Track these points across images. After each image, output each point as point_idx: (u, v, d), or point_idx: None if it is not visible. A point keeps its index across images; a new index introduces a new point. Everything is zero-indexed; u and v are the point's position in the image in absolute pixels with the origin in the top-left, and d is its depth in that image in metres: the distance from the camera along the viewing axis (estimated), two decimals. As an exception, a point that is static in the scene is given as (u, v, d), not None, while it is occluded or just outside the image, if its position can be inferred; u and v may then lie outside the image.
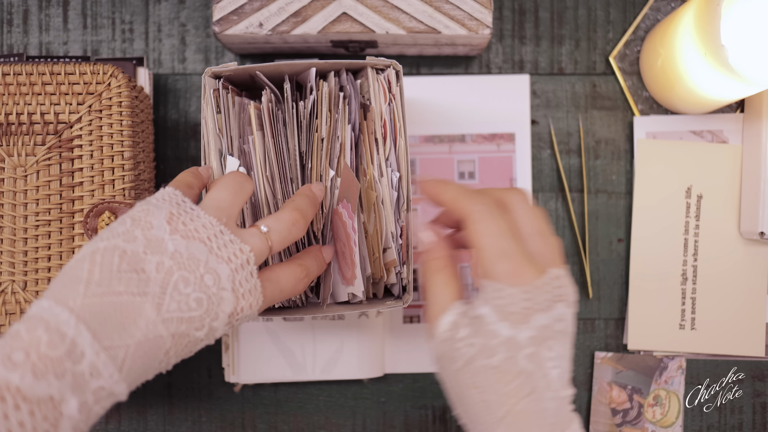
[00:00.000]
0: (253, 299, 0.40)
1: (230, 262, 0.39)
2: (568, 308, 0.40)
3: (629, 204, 0.64)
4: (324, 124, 0.48)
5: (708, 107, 0.61)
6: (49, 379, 0.32)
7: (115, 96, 0.53)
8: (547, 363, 0.38)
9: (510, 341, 0.38)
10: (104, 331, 0.35)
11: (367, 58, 0.50)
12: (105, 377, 0.34)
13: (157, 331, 0.36)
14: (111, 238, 0.37)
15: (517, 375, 0.38)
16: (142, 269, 0.37)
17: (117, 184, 0.53)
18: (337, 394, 0.63)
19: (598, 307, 0.64)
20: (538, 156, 0.64)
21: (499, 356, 0.38)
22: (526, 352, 0.38)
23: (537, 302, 0.38)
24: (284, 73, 0.50)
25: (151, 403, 0.63)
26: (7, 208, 0.52)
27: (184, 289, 0.37)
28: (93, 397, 0.34)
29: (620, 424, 0.62)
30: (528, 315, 0.38)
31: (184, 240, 0.38)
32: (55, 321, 0.34)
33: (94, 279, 0.36)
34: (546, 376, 0.38)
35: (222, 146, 0.49)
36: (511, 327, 0.38)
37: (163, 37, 0.64)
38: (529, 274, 0.39)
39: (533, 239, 0.41)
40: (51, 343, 0.33)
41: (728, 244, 0.63)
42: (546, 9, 0.65)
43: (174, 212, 0.39)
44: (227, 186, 0.42)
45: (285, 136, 0.48)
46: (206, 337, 0.39)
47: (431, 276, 0.43)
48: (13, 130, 0.53)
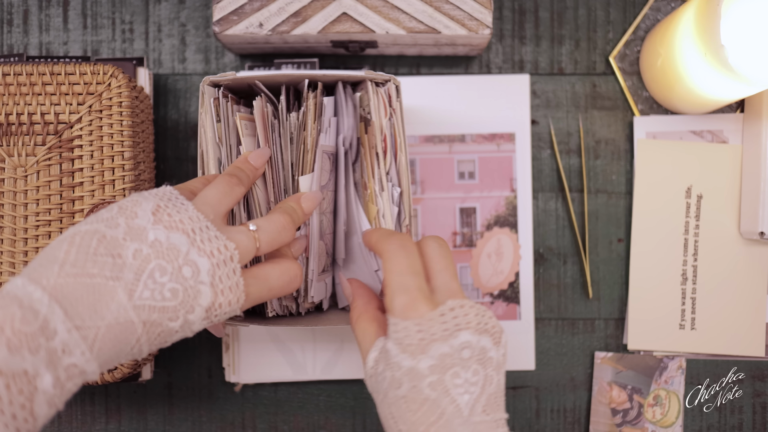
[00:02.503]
0: (233, 296, 0.40)
1: (212, 256, 0.39)
2: (476, 335, 0.40)
3: (629, 204, 0.64)
4: (309, 136, 0.48)
5: (708, 107, 0.61)
6: (23, 354, 0.33)
7: (115, 96, 0.53)
8: (455, 390, 0.39)
9: (412, 371, 0.40)
10: (76, 310, 0.35)
11: (365, 71, 0.50)
12: (77, 355, 0.35)
13: (127, 316, 0.36)
14: (94, 223, 0.38)
15: (423, 403, 0.39)
16: (119, 254, 0.37)
17: (117, 184, 0.53)
18: (337, 394, 0.63)
19: (598, 307, 0.64)
20: (538, 156, 0.64)
21: (405, 386, 0.40)
22: (428, 380, 0.39)
23: (432, 333, 0.40)
24: (281, 83, 0.50)
25: (151, 403, 0.63)
26: (7, 208, 0.52)
27: (159, 278, 0.37)
28: (65, 373, 0.35)
29: (620, 424, 0.62)
30: (425, 345, 0.40)
31: (166, 230, 0.38)
32: (28, 299, 0.34)
33: (69, 259, 0.36)
34: (454, 402, 0.39)
35: (221, 155, 0.48)
36: (411, 358, 0.40)
37: (163, 37, 0.64)
38: (422, 308, 0.40)
39: (441, 275, 0.43)
40: (24, 319, 0.33)
41: (728, 244, 0.63)
42: (546, 9, 0.65)
43: (161, 204, 0.39)
44: (218, 185, 0.43)
45: (281, 146, 0.48)
46: (181, 329, 0.39)
47: (354, 324, 0.45)
48: (14, 130, 0.53)
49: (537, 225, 0.64)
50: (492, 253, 0.63)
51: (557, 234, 0.64)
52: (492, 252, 0.63)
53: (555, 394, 0.63)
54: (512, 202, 0.63)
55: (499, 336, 0.42)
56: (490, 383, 0.40)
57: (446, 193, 0.63)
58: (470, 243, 0.63)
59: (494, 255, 0.63)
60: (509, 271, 0.63)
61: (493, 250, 0.63)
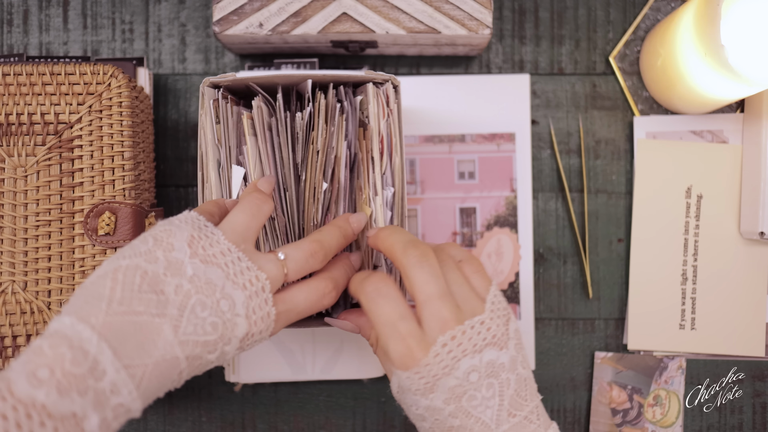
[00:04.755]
0: (264, 325, 0.41)
1: (245, 288, 0.39)
2: (476, 357, 0.41)
3: (629, 204, 0.64)
4: (320, 137, 0.48)
5: (708, 107, 0.61)
6: (72, 396, 0.33)
7: (115, 96, 0.53)
8: (475, 410, 0.40)
9: (429, 408, 0.41)
10: (124, 349, 0.35)
11: (365, 71, 0.50)
12: (124, 395, 0.35)
13: (173, 352, 0.37)
14: (133, 257, 0.38)
15: (449, 430, 0.41)
16: (162, 290, 0.37)
17: (117, 184, 0.53)
18: (337, 394, 0.63)
19: (598, 307, 0.64)
20: (538, 156, 0.64)
21: (428, 420, 0.41)
22: (447, 411, 0.40)
23: (434, 374, 0.40)
24: (278, 84, 0.50)
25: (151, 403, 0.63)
26: (7, 208, 0.52)
27: (200, 312, 0.38)
28: (112, 413, 0.35)
29: (620, 424, 0.62)
30: (432, 386, 0.40)
31: (203, 264, 0.39)
32: (78, 338, 0.34)
33: (116, 297, 0.36)
34: (479, 420, 0.40)
35: (220, 157, 0.48)
36: (423, 397, 0.41)
37: (163, 37, 0.64)
38: (418, 355, 0.40)
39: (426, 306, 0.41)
40: (74, 360, 0.33)
41: (728, 244, 0.63)
42: (546, 9, 0.65)
43: (195, 235, 0.39)
44: (245, 209, 0.43)
45: (278, 146, 0.48)
46: (217, 360, 0.39)
47: (375, 352, 0.46)
48: (14, 130, 0.53)
49: (537, 225, 0.64)
50: (492, 253, 0.63)
51: (557, 234, 0.64)
52: (492, 252, 0.63)
53: (555, 394, 0.63)
54: (512, 202, 0.63)
55: (504, 337, 0.42)
56: (508, 386, 0.41)
57: (446, 193, 0.63)
58: (470, 243, 0.63)
59: (494, 255, 0.63)
60: (509, 271, 0.63)
61: (493, 250, 0.63)
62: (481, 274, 0.44)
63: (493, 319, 0.42)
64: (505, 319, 0.43)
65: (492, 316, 0.42)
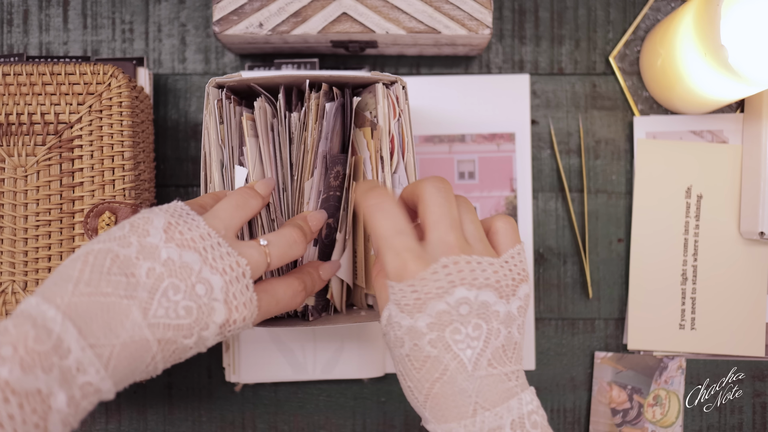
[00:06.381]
0: (247, 312, 0.40)
1: (225, 273, 0.39)
2: (473, 290, 0.40)
3: (629, 204, 0.64)
4: (309, 136, 0.48)
5: (708, 107, 0.61)
6: (36, 373, 0.33)
7: (115, 96, 0.53)
8: (456, 345, 0.39)
9: (411, 330, 0.40)
10: (90, 329, 0.35)
11: (372, 72, 0.50)
12: (91, 373, 0.35)
13: (142, 334, 0.37)
14: (107, 242, 0.38)
15: (425, 360, 0.40)
16: (132, 273, 0.37)
17: (117, 184, 0.53)
18: (337, 394, 0.63)
19: (598, 307, 0.64)
20: (538, 156, 0.64)
21: (407, 345, 0.40)
22: (428, 338, 0.39)
23: (427, 291, 0.39)
24: (280, 84, 0.50)
25: (151, 403, 0.63)
26: (7, 208, 0.52)
27: (173, 296, 0.38)
28: (80, 392, 0.35)
29: (620, 424, 0.62)
30: (421, 304, 0.39)
31: (178, 248, 0.39)
32: (42, 317, 0.35)
33: (83, 278, 0.36)
34: (457, 357, 0.39)
35: (224, 157, 0.49)
36: (409, 317, 0.40)
37: (163, 37, 0.64)
38: (413, 268, 0.39)
39: (434, 228, 0.41)
40: (38, 338, 0.34)
41: (728, 244, 0.63)
42: (546, 9, 0.65)
43: (172, 222, 0.40)
44: (231, 200, 0.43)
45: (278, 146, 0.49)
46: (195, 345, 0.39)
47: (373, 282, 0.45)
48: (14, 130, 0.53)
49: (537, 225, 0.64)
50: (492, 253, 0.63)
51: (557, 234, 0.64)
52: (492, 252, 0.63)
53: (555, 394, 0.63)
54: (512, 202, 0.63)
55: (509, 289, 0.41)
56: (496, 336, 0.40)
57: (446, 193, 0.63)
58: (470, 243, 0.63)
59: (494, 255, 0.63)
60: (509, 271, 0.63)
61: (493, 250, 0.63)
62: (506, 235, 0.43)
63: (504, 268, 0.41)
64: (519, 278, 0.42)
65: (504, 265, 0.41)
